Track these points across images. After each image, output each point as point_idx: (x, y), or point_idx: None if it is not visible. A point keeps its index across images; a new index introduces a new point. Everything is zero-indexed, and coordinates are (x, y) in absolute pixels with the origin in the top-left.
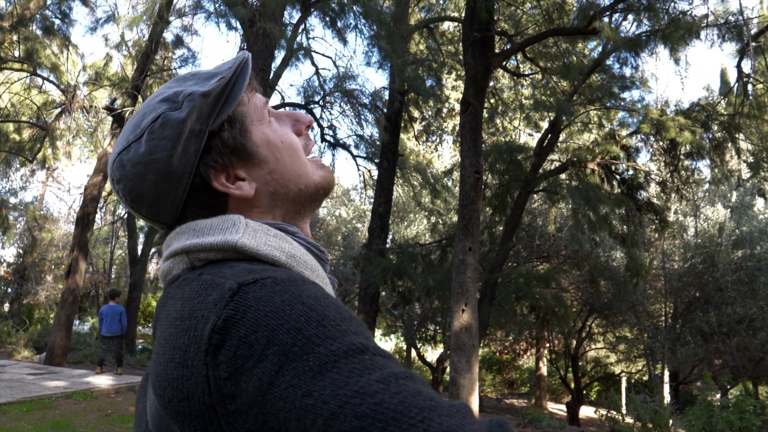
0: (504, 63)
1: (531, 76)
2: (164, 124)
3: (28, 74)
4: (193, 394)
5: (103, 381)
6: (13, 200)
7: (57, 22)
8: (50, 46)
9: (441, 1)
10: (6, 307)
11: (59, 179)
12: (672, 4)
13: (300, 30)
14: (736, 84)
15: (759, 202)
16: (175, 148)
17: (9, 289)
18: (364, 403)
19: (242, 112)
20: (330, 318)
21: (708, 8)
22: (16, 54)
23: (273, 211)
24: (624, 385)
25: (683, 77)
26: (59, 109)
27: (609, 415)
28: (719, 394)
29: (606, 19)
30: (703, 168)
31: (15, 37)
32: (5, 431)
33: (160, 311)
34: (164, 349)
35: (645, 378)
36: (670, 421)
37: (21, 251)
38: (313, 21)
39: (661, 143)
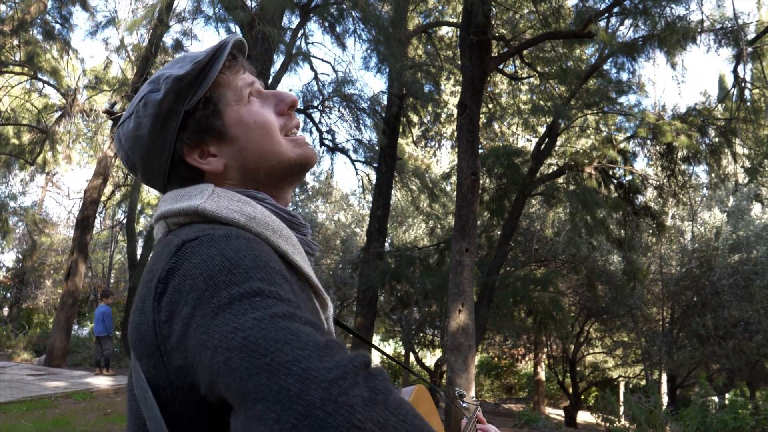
0: (501, 66)
1: (529, 81)
2: (146, 104)
3: (29, 78)
4: (146, 335)
5: (102, 381)
6: (12, 205)
7: (57, 26)
8: (50, 51)
9: (439, 6)
10: (5, 311)
11: (58, 184)
12: (669, 8)
13: (299, 35)
14: (733, 89)
15: (756, 207)
16: (155, 126)
17: (8, 294)
18: (236, 338)
19: (219, 93)
20: (240, 267)
21: (703, 13)
22: (17, 58)
23: (245, 184)
24: (622, 389)
25: (680, 82)
26: (59, 113)
27: (605, 416)
28: (716, 397)
29: (603, 24)
30: (701, 173)
31: (15, 42)
32: (6, 429)
33: None
34: (135, 301)
35: (643, 382)
36: (667, 427)
37: (20, 256)
38: (313, 26)
39: (657, 147)
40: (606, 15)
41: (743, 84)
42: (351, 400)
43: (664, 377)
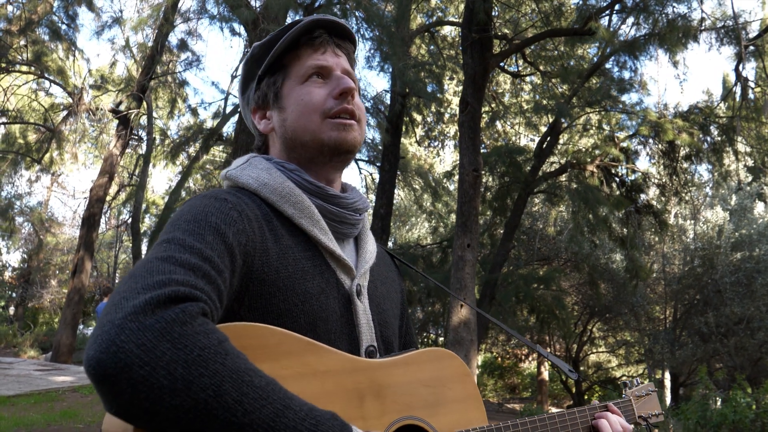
0: (502, 64)
1: (531, 80)
2: (243, 62)
3: (36, 78)
4: None
5: None
6: (18, 204)
7: (63, 26)
8: (57, 51)
9: (442, 6)
10: (11, 310)
11: (64, 184)
12: (670, 6)
13: None
14: (734, 87)
15: (759, 205)
16: (243, 83)
17: (14, 293)
18: (136, 266)
19: (287, 66)
20: (181, 220)
21: (702, 12)
22: (24, 58)
23: (287, 152)
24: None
25: (682, 80)
26: (65, 112)
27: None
28: (718, 393)
29: (605, 22)
30: (703, 171)
31: (23, 42)
32: (16, 420)
33: None
34: None
35: (646, 381)
36: (670, 425)
37: (26, 256)
38: None
39: (659, 146)
40: (607, 13)
41: (745, 82)
42: (128, 325)
43: (668, 375)
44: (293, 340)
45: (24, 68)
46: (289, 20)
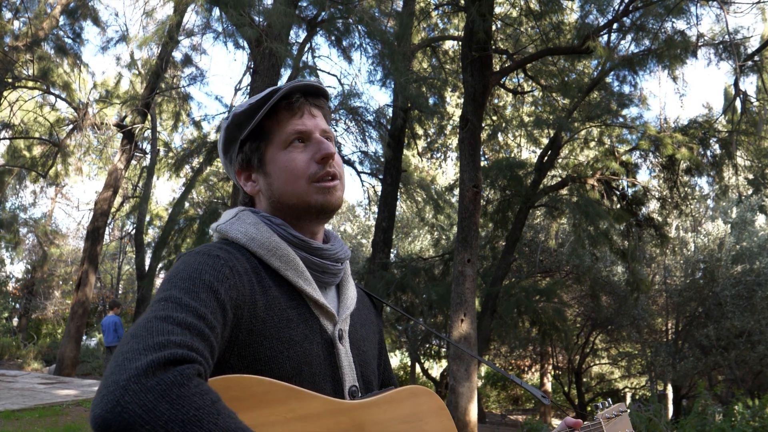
0: (502, 81)
1: (532, 94)
2: (224, 127)
3: (41, 92)
4: None
5: None
6: (22, 216)
7: (69, 41)
8: (62, 65)
9: (445, 20)
10: (15, 321)
11: (68, 195)
12: (670, 23)
13: (306, 49)
14: (734, 102)
15: (760, 218)
16: (224, 146)
17: (18, 305)
18: (137, 324)
19: (268, 131)
20: (178, 278)
21: (697, 29)
22: (30, 73)
23: (274, 211)
24: (628, 400)
25: (682, 95)
26: (71, 126)
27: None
28: (719, 407)
29: (604, 39)
30: (703, 184)
31: (29, 56)
32: None
33: None
34: None
35: (649, 393)
36: None
37: (30, 267)
38: (319, 40)
39: (660, 159)
40: (606, 31)
41: (745, 97)
42: (132, 387)
43: (670, 388)
44: (278, 388)
45: (30, 83)
46: (293, 36)
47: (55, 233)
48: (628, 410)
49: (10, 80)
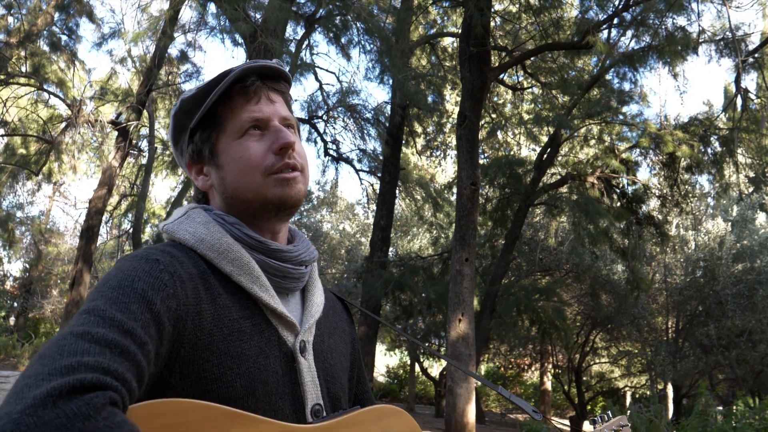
0: (501, 77)
1: (532, 91)
2: (172, 114)
3: (35, 89)
4: None
5: None
6: (20, 215)
7: (64, 38)
8: (57, 62)
9: (444, 17)
10: (12, 320)
11: (66, 194)
12: (670, 19)
13: (304, 46)
14: (734, 99)
15: (760, 216)
16: (173, 135)
17: (15, 303)
18: (50, 341)
19: (220, 119)
20: (106, 286)
21: (699, 25)
22: (24, 69)
23: (228, 208)
24: (629, 400)
25: (682, 92)
26: (65, 124)
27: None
28: (720, 407)
29: (605, 34)
30: (704, 182)
31: (22, 53)
32: None
33: None
34: None
35: (649, 392)
36: None
37: (27, 265)
38: (318, 37)
39: (660, 157)
40: (606, 26)
41: (745, 94)
42: (26, 420)
43: (670, 387)
44: (218, 414)
45: (23, 80)
46: (291, 33)
47: (50, 231)
48: (629, 424)
49: (2, 77)
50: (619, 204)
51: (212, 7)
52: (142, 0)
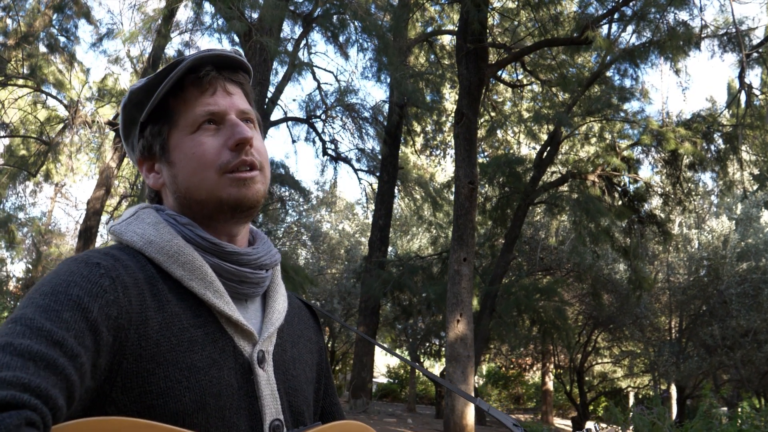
0: (499, 74)
1: (531, 89)
2: (121, 107)
3: (32, 90)
4: None
5: None
6: (22, 216)
7: (63, 39)
8: (55, 63)
9: (443, 15)
10: None
11: (67, 195)
12: (672, 14)
13: (302, 45)
14: (738, 95)
15: (765, 215)
16: (123, 130)
17: (18, 304)
18: None
19: (172, 112)
20: (39, 292)
21: (702, 20)
22: (22, 70)
23: (181, 208)
24: (631, 400)
25: (685, 88)
26: (62, 125)
27: (609, 428)
28: (725, 408)
29: (605, 30)
30: (707, 180)
31: (20, 54)
32: None
33: None
34: None
35: (652, 393)
36: None
37: (30, 266)
38: (316, 36)
39: (662, 155)
40: (606, 21)
41: (749, 90)
42: None
43: (674, 388)
44: None
45: (21, 81)
46: (288, 31)
47: (50, 232)
48: None
49: (1, 78)
50: (620, 202)
51: (208, 7)
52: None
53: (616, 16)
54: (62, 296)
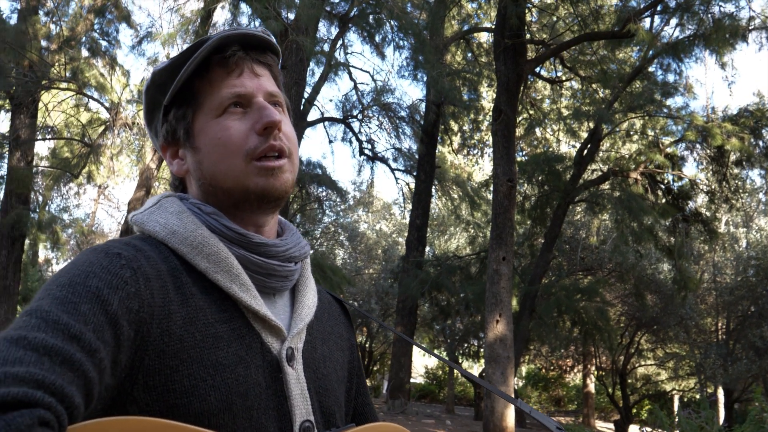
0: (538, 69)
1: (571, 86)
2: (144, 90)
3: (75, 93)
4: None
5: None
6: (66, 217)
7: (104, 43)
8: (96, 67)
9: (480, 13)
10: None
11: (110, 196)
12: (717, 6)
13: (338, 45)
14: None
15: None
16: (147, 114)
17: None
18: None
19: (197, 95)
20: (56, 283)
21: (751, 11)
22: (65, 74)
23: (206, 196)
24: (676, 403)
25: (730, 82)
26: (103, 127)
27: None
28: None
29: (647, 24)
30: (755, 177)
31: (63, 59)
32: None
33: None
34: None
35: (698, 396)
36: None
37: None
38: (352, 36)
39: (707, 151)
40: (649, 14)
41: None
42: None
43: (721, 391)
44: None
45: (64, 85)
46: (324, 32)
47: (93, 233)
48: None
49: (44, 82)
50: (664, 200)
51: (245, 7)
52: (178, 0)
53: (658, 8)
54: (80, 288)
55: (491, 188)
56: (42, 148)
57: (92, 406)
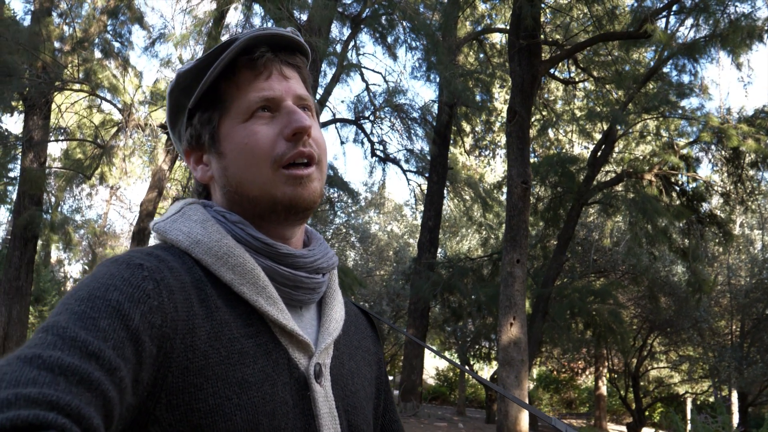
0: (552, 70)
1: (584, 86)
2: (168, 92)
3: (88, 95)
4: None
5: None
6: (78, 218)
7: (117, 45)
8: (109, 68)
9: (493, 14)
10: None
11: (122, 197)
12: (733, 6)
13: (350, 46)
14: None
15: None
16: (170, 117)
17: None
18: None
19: (224, 98)
20: (74, 297)
21: None
22: (77, 75)
23: (231, 204)
24: (689, 406)
25: (746, 83)
26: (116, 128)
27: None
28: None
29: (662, 24)
30: None
31: (76, 60)
32: None
33: None
34: None
35: (712, 399)
36: None
37: (86, 267)
38: (364, 37)
39: (723, 152)
40: (664, 14)
41: None
42: None
43: (735, 394)
44: None
45: (76, 86)
46: (336, 33)
47: (105, 234)
48: None
49: (57, 83)
50: (678, 202)
51: (258, 8)
52: (191, 2)
53: (674, 8)
54: (100, 302)
55: (504, 190)
56: (55, 149)
57: (113, 427)
